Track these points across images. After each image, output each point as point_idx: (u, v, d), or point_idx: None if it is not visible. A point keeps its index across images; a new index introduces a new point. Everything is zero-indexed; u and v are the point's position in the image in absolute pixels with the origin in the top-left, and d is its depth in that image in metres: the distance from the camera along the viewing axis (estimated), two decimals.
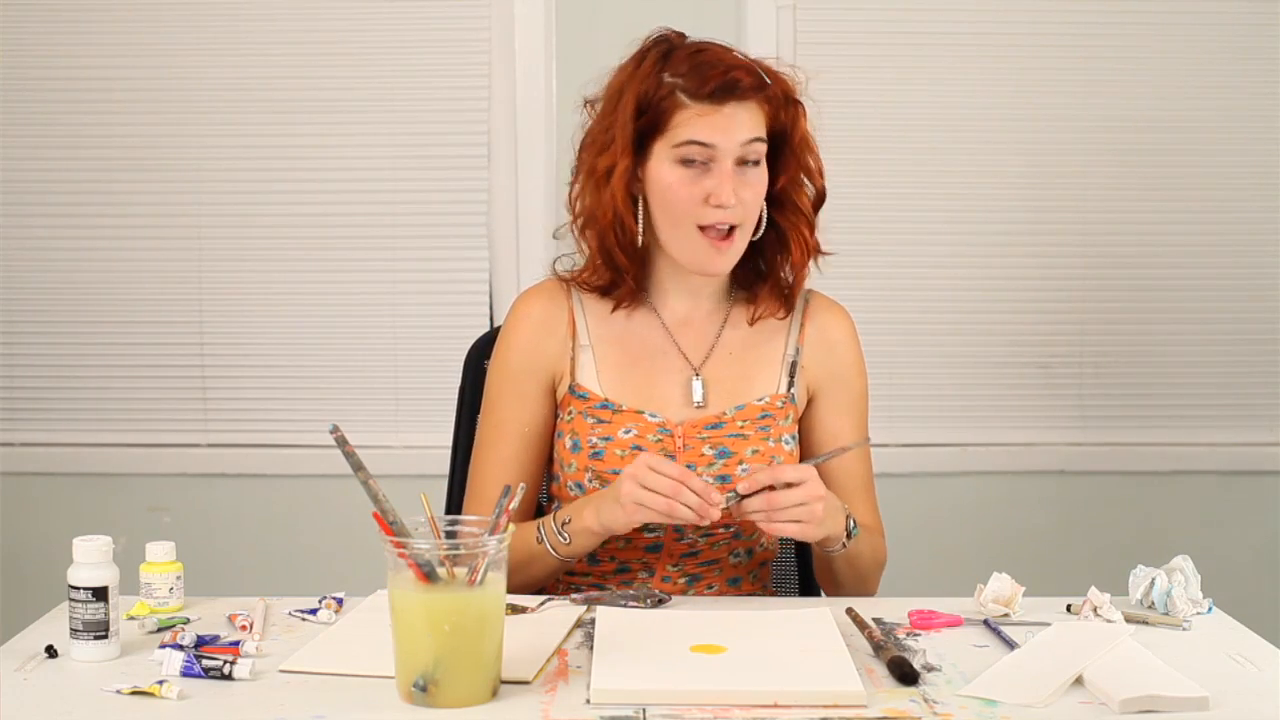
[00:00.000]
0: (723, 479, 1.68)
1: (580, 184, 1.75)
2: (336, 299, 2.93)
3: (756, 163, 1.68)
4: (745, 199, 1.67)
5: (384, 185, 2.91)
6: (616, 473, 1.66)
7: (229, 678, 1.32)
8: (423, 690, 1.24)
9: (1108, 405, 2.95)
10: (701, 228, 1.67)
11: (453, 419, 1.96)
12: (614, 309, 1.77)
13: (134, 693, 1.28)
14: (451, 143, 2.90)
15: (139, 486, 2.94)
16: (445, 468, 1.97)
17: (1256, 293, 2.93)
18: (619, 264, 1.73)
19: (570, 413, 1.73)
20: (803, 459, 1.78)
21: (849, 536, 1.67)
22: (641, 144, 1.68)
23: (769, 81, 1.69)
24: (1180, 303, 2.94)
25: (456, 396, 1.99)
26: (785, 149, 1.72)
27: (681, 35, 1.73)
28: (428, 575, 1.26)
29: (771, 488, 1.56)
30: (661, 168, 1.67)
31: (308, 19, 2.88)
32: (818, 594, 1.86)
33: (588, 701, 1.26)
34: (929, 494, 2.94)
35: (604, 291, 1.76)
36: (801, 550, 1.94)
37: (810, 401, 1.79)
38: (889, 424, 2.91)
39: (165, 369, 2.95)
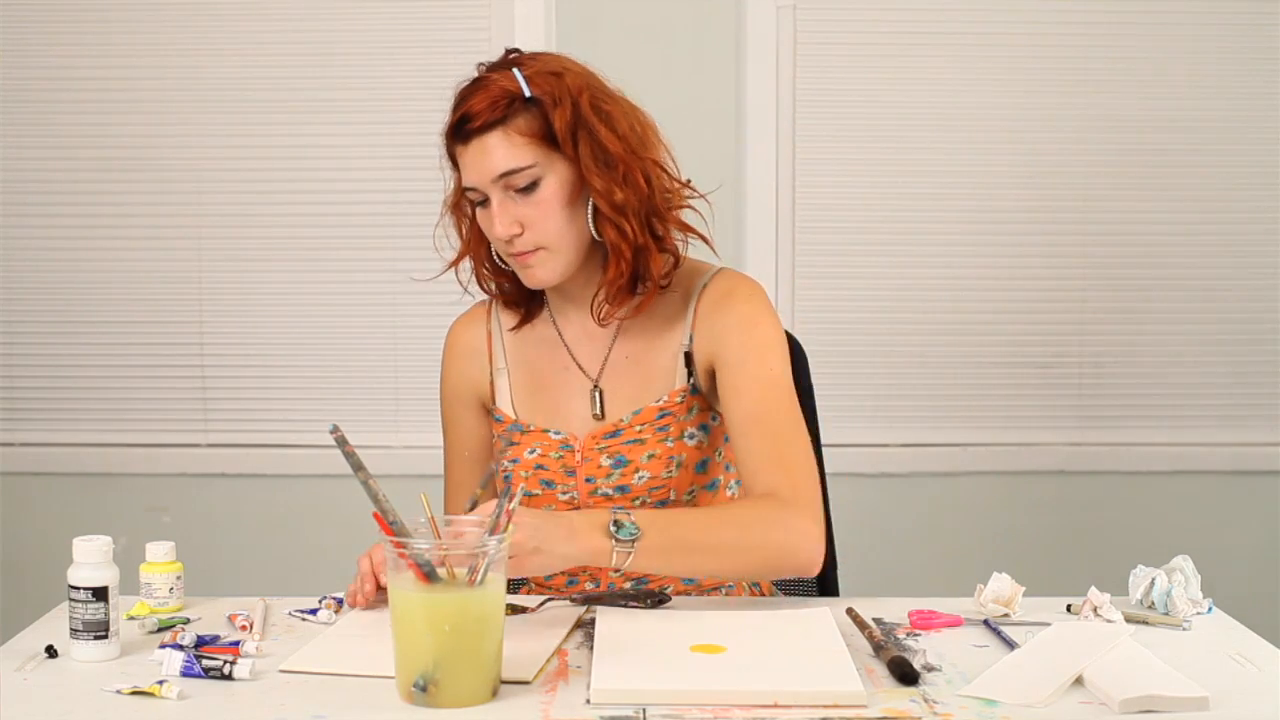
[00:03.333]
0: (621, 489, 1.68)
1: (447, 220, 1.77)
2: (336, 299, 2.93)
3: (530, 186, 1.61)
4: (529, 220, 1.62)
5: (384, 185, 2.91)
6: (525, 494, 1.69)
7: (229, 678, 1.32)
8: (423, 690, 1.24)
9: (1108, 405, 2.95)
10: (512, 253, 1.66)
11: None
12: (517, 325, 1.78)
13: (134, 693, 1.28)
14: None
15: (139, 486, 2.94)
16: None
17: (1257, 293, 2.93)
18: (496, 285, 1.77)
19: (495, 435, 1.78)
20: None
21: (618, 540, 1.47)
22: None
23: (528, 95, 1.58)
24: (1181, 303, 2.94)
25: None
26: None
27: (492, 66, 1.64)
28: (428, 575, 1.26)
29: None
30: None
31: (307, 19, 2.88)
32: (828, 594, 1.85)
33: (588, 701, 1.26)
34: (929, 494, 2.94)
35: (512, 306, 1.78)
36: None
37: (714, 377, 1.70)
38: (889, 424, 2.91)
39: (165, 369, 2.95)
